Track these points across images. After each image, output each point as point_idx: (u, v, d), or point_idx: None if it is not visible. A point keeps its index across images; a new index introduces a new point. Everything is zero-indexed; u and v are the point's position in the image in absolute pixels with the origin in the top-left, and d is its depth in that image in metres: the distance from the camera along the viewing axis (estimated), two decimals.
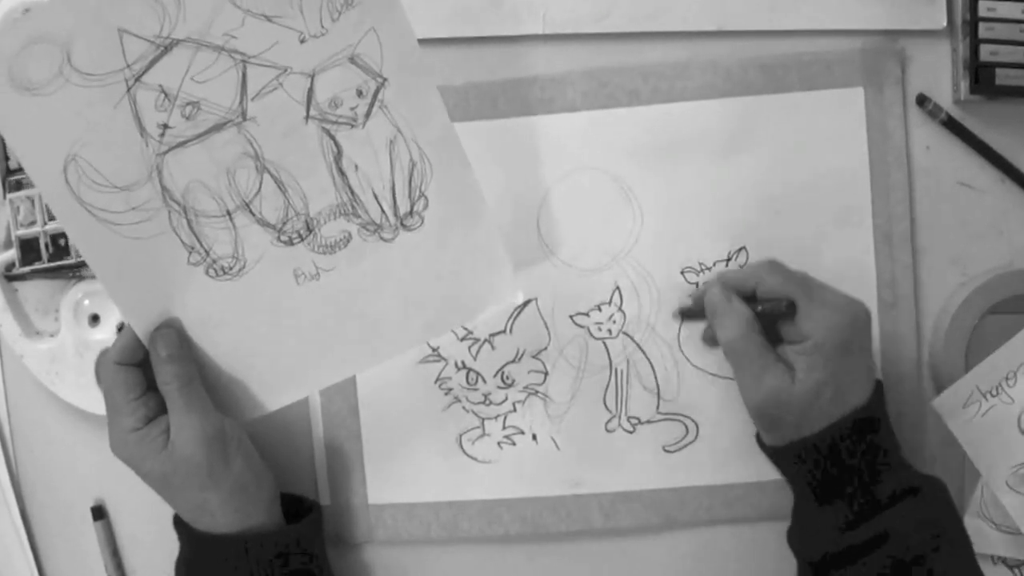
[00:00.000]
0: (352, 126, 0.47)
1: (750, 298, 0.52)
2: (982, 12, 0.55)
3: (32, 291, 0.59)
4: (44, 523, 0.60)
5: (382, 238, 0.49)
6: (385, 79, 0.46)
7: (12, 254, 0.57)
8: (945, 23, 0.56)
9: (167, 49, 0.44)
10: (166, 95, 0.45)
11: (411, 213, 0.49)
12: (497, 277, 0.52)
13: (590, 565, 0.59)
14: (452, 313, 0.52)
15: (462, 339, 0.58)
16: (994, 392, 0.54)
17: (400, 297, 0.51)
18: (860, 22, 0.56)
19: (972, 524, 0.57)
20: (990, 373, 0.54)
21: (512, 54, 0.57)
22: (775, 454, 0.51)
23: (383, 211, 0.49)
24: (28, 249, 0.57)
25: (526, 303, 0.57)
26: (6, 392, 0.60)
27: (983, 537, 0.57)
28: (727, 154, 0.56)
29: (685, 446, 0.57)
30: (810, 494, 0.50)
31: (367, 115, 0.47)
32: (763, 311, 0.51)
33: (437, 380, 0.58)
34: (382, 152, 0.48)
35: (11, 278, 0.58)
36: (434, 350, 0.58)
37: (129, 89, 0.44)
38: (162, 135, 0.45)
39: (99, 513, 0.60)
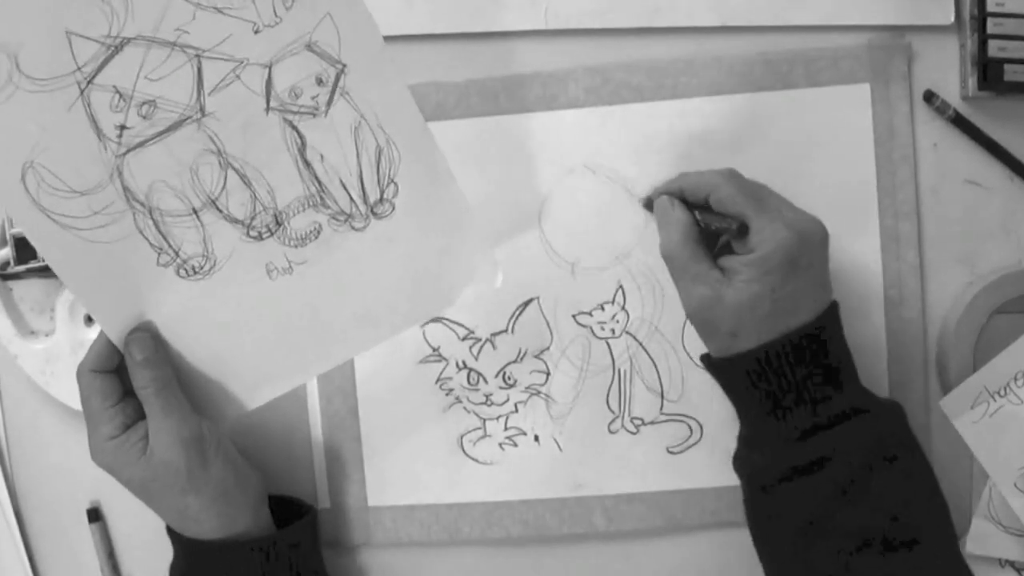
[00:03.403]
0: (314, 115, 0.47)
1: (704, 207, 0.51)
2: (990, 7, 0.54)
3: (27, 290, 0.59)
4: (39, 526, 0.60)
5: (353, 227, 0.49)
6: (345, 65, 0.46)
7: (7, 252, 0.57)
8: (953, 18, 0.56)
9: (118, 49, 0.43)
10: (121, 95, 0.44)
11: (381, 200, 0.49)
12: (474, 258, 0.51)
13: (592, 568, 0.58)
14: (432, 298, 0.52)
15: (463, 339, 0.57)
16: (1002, 392, 0.54)
17: (376, 286, 0.50)
18: (867, 17, 0.56)
19: (979, 526, 0.56)
20: (998, 373, 0.54)
21: (514, 50, 0.57)
22: (713, 366, 0.51)
23: (352, 200, 0.48)
24: (23, 247, 0.56)
25: (527, 302, 0.57)
26: (0, 393, 0.60)
27: (990, 539, 0.56)
28: (731, 151, 0.56)
29: (689, 447, 0.57)
30: (751, 409, 0.49)
31: (329, 103, 0.46)
32: (713, 230, 0.50)
33: (438, 380, 0.58)
34: (347, 140, 0.47)
35: (6, 277, 0.58)
36: (435, 350, 0.57)
37: (82, 92, 0.44)
38: (120, 136, 0.45)
39: (95, 515, 0.59)
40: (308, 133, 0.47)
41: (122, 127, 0.45)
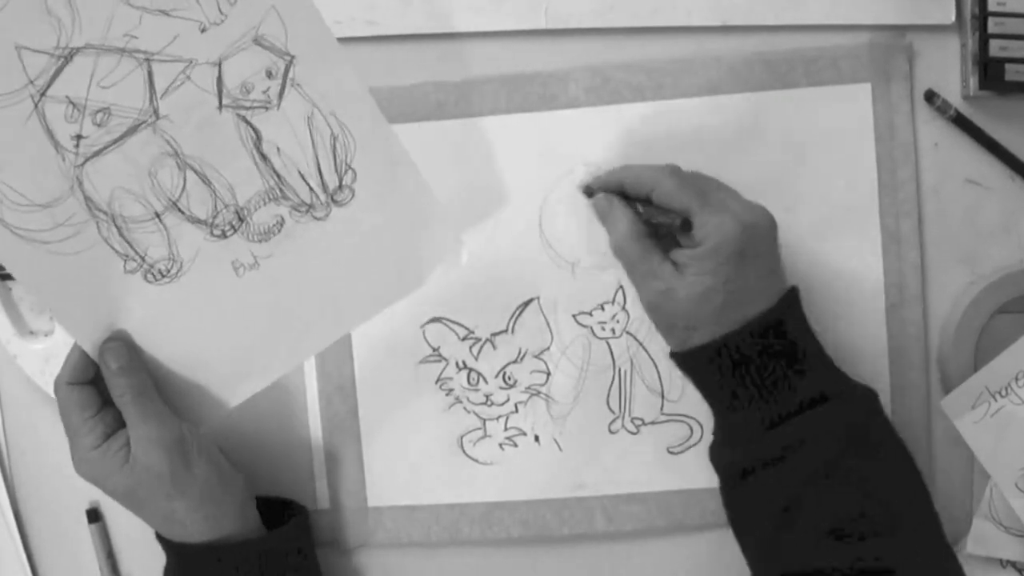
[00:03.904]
0: (267, 109, 0.47)
1: (646, 201, 0.51)
2: (991, 7, 0.54)
3: (27, 290, 0.58)
4: (39, 526, 0.60)
5: (315, 217, 0.49)
6: (293, 56, 0.46)
7: None
8: (954, 18, 0.55)
9: (68, 59, 0.43)
10: (74, 105, 0.44)
11: (340, 187, 0.49)
12: (438, 238, 0.51)
13: (593, 568, 0.58)
14: (400, 281, 0.52)
15: (463, 339, 0.57)
16: (1003, 392, 0.54)
17: (343, 273, 0.50)
18: (867, 17, 0.56)
19: (980, 526, 0.56)
20: (999, 373, 0.54)
21: (514, 49, 0.56)
22: (677, 360, 0.51)
23: (311, 190, 0.49)
24: None
25: (527, 302, 0.57)
26: (0, 393, 0.59)
27: (991, 540, 0.56)
28: (732, 151, 0.56)
29: (689, 448, 0.57)
30: (720, 401, 0.49)
31: (280, 95, 0.47)
32: (656, 223, 0.50)
33: (438, 381, 0.57)
34: (301, 130, 0.47)
35: (5, 277, 0.58)
36: (435, 350, 0.57)
37: (36, 105, 0.44)
38: (77, 146, 0.45)
39: (94, 516, 0.59)
40: (262, 127, 0.47)
41: (78, 137, 0.45)
